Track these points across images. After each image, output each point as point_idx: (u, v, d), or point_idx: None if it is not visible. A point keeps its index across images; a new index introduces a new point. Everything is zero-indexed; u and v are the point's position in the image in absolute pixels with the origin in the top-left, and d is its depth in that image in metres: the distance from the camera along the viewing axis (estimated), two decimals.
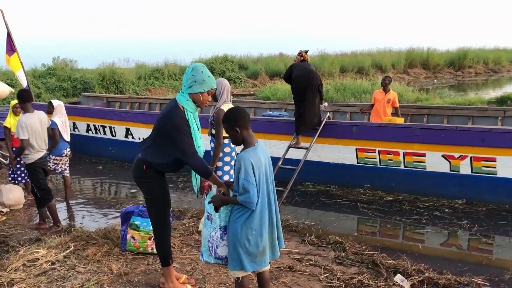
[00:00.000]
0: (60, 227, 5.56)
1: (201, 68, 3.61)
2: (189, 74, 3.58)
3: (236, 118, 3.04)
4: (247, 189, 2.95)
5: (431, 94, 18.20)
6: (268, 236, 3.11)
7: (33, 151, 5.36)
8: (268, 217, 3.09)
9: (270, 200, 3.11)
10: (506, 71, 35.96)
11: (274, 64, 27.43)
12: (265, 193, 3.07)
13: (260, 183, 3.02)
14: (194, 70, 3.58)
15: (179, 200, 6.90)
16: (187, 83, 3.58)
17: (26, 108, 5.44)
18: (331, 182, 7.37)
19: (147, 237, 4.50)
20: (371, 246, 4.96)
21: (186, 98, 3.58)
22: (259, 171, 3.00)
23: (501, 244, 5.20)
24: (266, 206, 3.08)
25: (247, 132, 3.07)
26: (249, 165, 2.95)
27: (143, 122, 9.01)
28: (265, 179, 3.06)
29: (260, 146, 3.10)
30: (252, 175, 2.96)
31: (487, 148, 6.22)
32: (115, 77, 20.31)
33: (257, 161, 3.00)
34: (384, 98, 8.08)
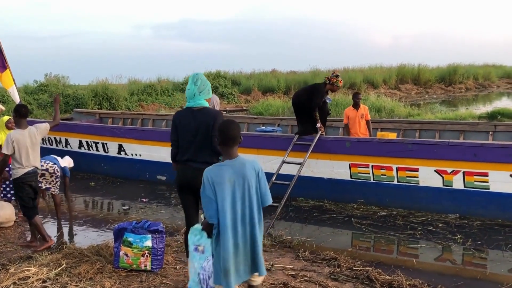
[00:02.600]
0: (51, 242, 5.48)
1: (204, 77, 4.11)
2: (201, 83, 4.03)
3: (220, 131, 3.10)
4: (204, 202, 3.03)
5: (422, 109, 18.38)
6: (232, 258, 2.99)
7: (18, 166, 5.31)
8: (232, 238, 2.98)
9: (236, 221, 3.00)
10: (496, 87, 36.47)
11: (266, 80, 27.63)
12: (229, 212, 2.98)
13: (222, 202, 2.97)
14: (203, 79, 4.08)
15: (172, 216, 6.86)
16: (205, 89, 4.06)
17: (20, 124, 5.41)
18: (325, 198, 7.36)
19: (140, 254, 4.45)
20: (365, 262, 4.94)
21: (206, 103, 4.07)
22: (221, 189, 2.98)
23: (495, 259, 5.20)
24: (230, 227, 2.98)
25: (225, 148, 3.10)
26: (207, 179, 3.00)
27: (136, 138, 8.99)
28: (230, 197, 2.99)
29: (230, 163, 3.05)
30: (209, 189, 2.99)
31: (479, 163, 6.27)
32: (107, 93, 20.32)
33: (216, 177, 3.00)
34: (357, 114, 8.16)
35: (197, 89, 4.01)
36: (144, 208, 7.32)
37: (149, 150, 8.85)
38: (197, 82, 4.02)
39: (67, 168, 6.86)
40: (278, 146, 7.49)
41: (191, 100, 4.05)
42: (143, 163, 9.00)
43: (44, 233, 5.52)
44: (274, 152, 7.47)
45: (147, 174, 9.04)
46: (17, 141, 5.26)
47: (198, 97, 4.01)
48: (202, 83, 4.03)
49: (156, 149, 8.72)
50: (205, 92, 4.04)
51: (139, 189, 8.47)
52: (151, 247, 4.47)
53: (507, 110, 16.14)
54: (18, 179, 5.36)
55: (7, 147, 5.22)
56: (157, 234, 4.53)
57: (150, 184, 8.78)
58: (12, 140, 5.23)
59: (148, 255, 4.46)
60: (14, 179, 5.40)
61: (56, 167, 6.50)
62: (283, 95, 25.38)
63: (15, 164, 5.31)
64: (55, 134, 9.90)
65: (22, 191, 5.39)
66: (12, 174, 5.39)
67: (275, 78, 28.30)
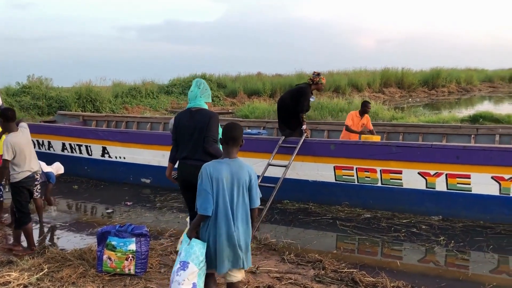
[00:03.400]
0: (34, 251, 5.39)
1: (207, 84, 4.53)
2: (203, 87, 4.42)
3: (224, 131, 3.38)
4: (200, 194, 3.24)
5: (406, 112, 18.56)
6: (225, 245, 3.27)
7: (19, 170, 5.22)
8: (224, 227, 3.26)
9: (227, 215, 3.27)
10: (478, 90, 37.05)
11: (252, 82, 27.65)
12: (222, 205, 3.25)
13: (218, 194, 3.25)
14: (205, 84, 4.46)
15: (157, 219, 6.81)
16: (207, 93, 4.44)
17: (10, 127, 5.30)
18: (310, 200, 7.38)
19: (124, 258, 4.41)
20: (350, 264, 4.97)
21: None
22: (217, 183, 3.24)
23: (477, 260, 5.27)
24: (223, 217, 3.26)
25: (225, 146, 3.38)
26: (206, 173, 3.25)
27: (120, 141, 8.91)
28: (222, 193, 3.25)
29: (229, 161, 3.32)
30: (207, 183, 3.22)
31: (461, 165, 6.35)
32: (91, 96, 20.10)
33: (215, 172, 3.25)
34: (360, 121, 8.23)
35: (199, 92, 4.40)
36: (128, 212, 7.26)
37: (133, 153, 8.78)
38: (200, 86, 4.43)
39: (53, 174, 6.75)
40: (263, 148, 7.50)
41: (192, 101, 4.42)
42: (127, 166, 8.92)
43: (32, 241, 5.43)
44: (259, 155, 7.47)
45: (131, 177, 8.97)
46: (16, 144, 5.16)
47: (199, 99, 4.40)
48: (204, 87, 4.45)
49: (140, 151, 8.66)
50: (206, 95, 4.43)
51: (123, 192, 8.39)
52: (135, 251, 4.43)
53: (488, 113, 16.38)
54: (19, 183, 5.26)
55: (7, 152, 5.09)
56: (141, 238, 4.49)
57: (134, 187, 8.71)
58: (12, 145, 5.12)
59: (132, 259, 4.42)
60: (13, 183, 5.28)
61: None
62: (269, 98, 25.41)
63: (15, 168, 5.21)
64: (37, 137, 9.76)
65: (21, 196, 5.30)
66: (11, 178, 5.27)
67: (261, 81, 28.34)
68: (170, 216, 6.97)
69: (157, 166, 8.49)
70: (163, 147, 8.17)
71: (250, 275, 4.56)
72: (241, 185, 3.30)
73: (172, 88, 26.11)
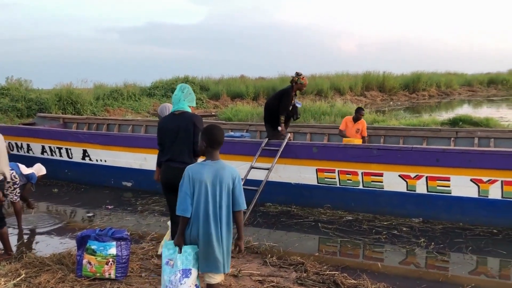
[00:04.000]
0: (11, 256, 5.28)
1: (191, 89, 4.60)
2: (187, 91, 4.49)
3: (210, 134, 3.36)
4: (179, 196, 3.26)
5: (387, 115, 18.76)
6: (203, 246, 3.29)
7: None
8: (203, 228, 3.27)
9: (208, 216, 3.27)
10: (457, 94, 37.68)
11: (235, 85, 27.62)
12: (202, 207, 3.26)
13: (200, 197, 3.25)
14: (189, 89, 4.54)
15: (138, 223, 6.74)
16: (190, 97, 4.50)
17: None
18: (292, 203, 7.40)
19: (104, 262, 4.35)
20: (332, 266, 4.98)
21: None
22: (196, 185, 3.25)
23: (456, 261, 5.34)
24: (202, 219, 3.26)
25: (210, 150, 3.36)
26: (188, 175, 3.27)
27: (101, 144, 8.81)
28: (205, 196, 3.26)
29: (211, 164, 3.33)
30: (188, 185, 3.24)
31: (441, 168, 6.44)
32: (72, 98, 19.81)
33: (197, 175, 3.26)
34: (353, 127, 8.30)
35: (182, 96, 4.48)
36: (109, 215, 7.17)
37: (114, 156, 8.69)
38: (184, 90, 4.51)
39: (34, 174, 6.60)
40: (246, 151, 7.49)
41: (176, 105, 4.49)
42: (109, 169, 8.82)
43: (9, 246, 5.32)
44: (242, 158, 7.46)
45: (112, 180, 8.87)
46: None
47: (183, 102, 4.47)
48: (188, 91, 4.52)
49: (122, 154, 8.57)
50: (189, 99, 4.50)
51: (104, 196, 8.29)
52: (116, 255, 4.37)
53: (467, 117, 16.66)
54: None
55: None
56: (122, 242, 4.44)
57: (115, 191, 8.62)
58: None
59: (113, 263, 4.37)
60: None
61: (14, 173, 6.28)
62: (252, 101, 25.45)
63: None
64: (16, 139, 9.59)
65: None
66: None
67: (244, 83, 28.33)
68: (152, 219, 6.91)
69: (139, 169, 8.43)
70: (145, 150, 8.11)
71: (232, 278, 4.54)
72: (224, 187, 3.29)
73: (154, 90, 25.92)
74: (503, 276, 5.16)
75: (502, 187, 6.18)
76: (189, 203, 3.25)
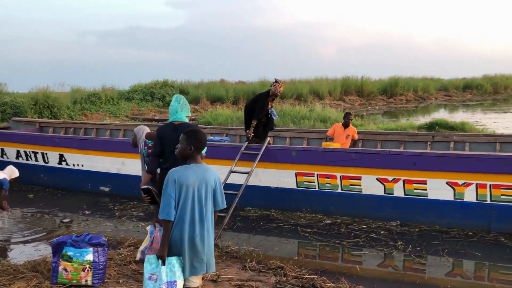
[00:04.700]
0: None
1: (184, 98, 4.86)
2: (183, 102, 4.74)
3: (197, 138, 3.37)
4: (163, 199, 3.23)
5: (365, 120, 18.96)
6: (188, 250, 3.26)
7: None
8: (188, 233, 3.25)
9: (194, 220, 3.27)
10: (434, 99, 38.32)
11: (215, 89, 27.58)
12: (189, 211, 3.25)
13: (186, 200, 3.24)
14: (184, 99, 4.79)
15: (116, 229, 6.65)
16: (186, 107, 4.75)
17: None
18: (272, 207, 7.41)
19: (81, 268, 4.28)
20: (311, 270, 5.00)
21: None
22: (183, 188, 3.24)
23: (433, 264, 5.42)
24: (188, 223, 3.25)
25: (195, 153, 3.36)
26: (172, 179, 3.24)
27: (78, 148, 8.68)
28: (191, 198, 3.26)
29: (195, 167, 3.33)
30: (172, 188, 3.22)
31: (418, 171, 6.54)
32: (49, 101, 19.47)
33: (182, 178, 3.25)
34: (344, 132, 8.39)
35: (179, 107, 4.70)
36: (86, 221, 7.06)
37: (92, 160, 8.57)
38: (180, 101, 4.73)
39: (6, 179, 6.48)
40: (226, 155, 7.47)
41: (174, 115, 4.69)
42: (86, 173, 8.69)
43: None
44: (222, 162, 7.43)
45: (89, 185, 8.74)
46: None
47: (180, 113, 4.69)
48: (184, 102, 4.76)
49: (99, 159, 8.46)
50: (186, 110, 4.74)
51: (81, 201, 8.17)
52: (92, 261, 4.31)
53: (444, 121, 16.94)
54: None
55: None
56: (99, 248, 4.37)
57: (92, 196, 8.49)
58: None
59: (89, 270, 4.30)
60: None
61: None
62: (232, 105, 25.43)
63: None
64: None
65: None
66: None
67: (224, 88, 28.32)
68: (130, 225, 6.83)
69: (117, 174, 8.33)
70: (123, 154, 8.03)
71: (211, 283, 4.52)
72: (209, 190, 3.33)
73: (133, 94, 25.70)
74: (478, 278, 5.26)
75: (477, 190, 6.30)
76: (173, 206, 3.23)
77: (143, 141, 5.40)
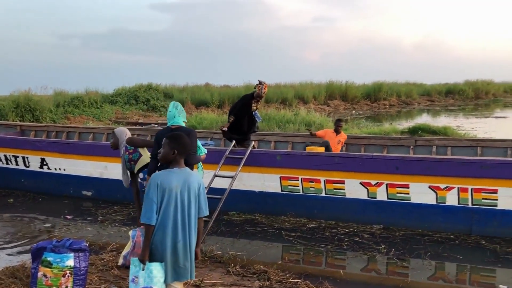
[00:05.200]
0: None
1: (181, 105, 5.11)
2: (180, 108, 5.00)
3: (181, 143, 3.35)
4: (145, 203, 3.21)
5: (349, 124, 19.07)
6: (170, 255, 3.25)
7: None
8: (171, 237, 3.24)
9: (176, 225, 3.25)
10: (417, 104, 38.79)
11: (200, 93, 27.56)
12: (172, 215, 3.23)
13: (166, 204, 3.22)
14: (180, 106, 5.04)
15: (98, 233, 6.57)
16: (183, 113, 5.01)
17: None
18: (256, 211, 7.39)
19: (61, 274, 4.20)
20: (294, 274, 5.00)
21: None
22: (165, 193, 3.22)
23: (415, 267, 5.46)
24: (171, 228, 3.23)
25: (179, 157, 3.35)
26: (154, 183, 3.22)
27: (60, 152, 8.55)
28: (174, 203, 3.24)
29: (178, 171, 3.32)
30: (154, 192, 3.20)
31: (400, 175, 6.59)
32: (30, 105, 19.20)
33: (165, 182, 3.23)
34: (335, 138, 8.43)
35: (177, 112, 4.95)
36: (68, 226, 6.96)
37: (74, 164, 8.45)
38: (177, 107, 5.00)
39: None
40: (210, 159, 7.40)
41: (171, 120, 4.95)
42: (68, 178, 8.57)
43: None
44: (206, 166, 7.35)
45: (71, 190, 8.62)
46: None
47: (178, 118, 4.95)
48: (180, 108, 5.02)
49: (81, 163, 8.35)
50: (182, 115, 5.00)
51: (62, 206, 8.04)
52: (73, 267, 4.23)
53: (426, 125, 17.15)
54: None
55: None
56: (80, 253, 4.29)
57: (75, 200, 8.38)
58: None
59: (70, 275, 4.22)
60: None
61: None
62: (217, 109, 25.39)
63: None
64: None
65: None
66: None
67: (209, 91, 28.29)
68: (112, 229, 6.75)
69: (99, 178, 8.24)
70: (106, 158, 7.94)
71: None
72: (192, 194, 3.31)
73: (116, 97, 25.49)
74: (460, 281, 5.31)
75: (459, 194, 6.38)
76: (155, 211, 3.21)
77: (124, 146, 5.34)
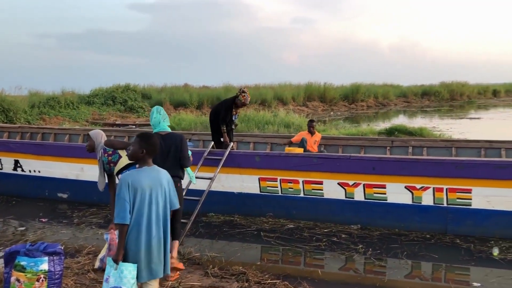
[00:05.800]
0: None
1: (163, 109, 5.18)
2: (163, 113, 5.03)
3: (150, 143, 3.40)
4: (117, 203, 3.23)
5: (327, 125, 19.24)
6: (144, 254, 3.27)
7: None
8: (145, 236, 3.27)
9: (150, 222, 3.27)
10: (394, 105, 39.37)
11: (179, 94, 27.42)
12: (145, 213, 3.28)
13: (138, 203, 3.26)
14: (163, 109, 5.09)
15: (74, 236, 6.46)
16: (167, 117, 5.04)
17: None
18: (235, 212, 7.38)
19: (35, 279, 4.11)
20: (273, 275, 5.00)
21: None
22: (138, 192, 3.26)
23: (392, 266, 5.53)
24: (145, 226, 3.27)
25: (147, 157, 3.40)
26: (125, 183, 3.25)
27: (35, 153, 8.38)
28: (148, 201, 3.29)
29: (148, 170, 3.37)
30: (126, 192, 3.23)
31: (377, 175, 6.67)
32: (4, 105, 18.79)
33: (136, 182, 3.27)
34: (311, 139, 8.49)
35: (161, 117, 4.96)
36: (42, 229, 6.81)
37: (49, 166, 8.29)
38: (160, 112, 5.00)
39: None
40: None
41: (158, 127, 4.97)
42: (42, 180, 8.41)
43: None
44: None
45: (46, 192, 8.45)
46: None
47: (163, 123, 4.97)
48: (164, 112, 5.04)
49: (57, 165, 8.20)
50: (167, 120, 5.04)
51: (37, 208, 7.88)
52: (48, 271, 4.14)
53: (403, 126, 17.43)
54: None
55: None
56: (55, 256, 4.21)
57: (50, 203, 8.22)
58: None
59: (44, 280, 4.13)
60: None
61: None
62: (196, 110, 25.29)
63: None
64: None
65: None
66: None
67: (188, 92, 28.19)
68: (89, 232, 6.65)
69: (75, 180, 8.11)
70: (82, 160, 7.81)
71: None
72: (162, 189, 3.39)
73: (93, 98, 25.17)
74: (435, 279, 5.40)
75: (434, 194, 6.48)
76: (128, 210, 3.23)
77: (102, 148, 5.25)
